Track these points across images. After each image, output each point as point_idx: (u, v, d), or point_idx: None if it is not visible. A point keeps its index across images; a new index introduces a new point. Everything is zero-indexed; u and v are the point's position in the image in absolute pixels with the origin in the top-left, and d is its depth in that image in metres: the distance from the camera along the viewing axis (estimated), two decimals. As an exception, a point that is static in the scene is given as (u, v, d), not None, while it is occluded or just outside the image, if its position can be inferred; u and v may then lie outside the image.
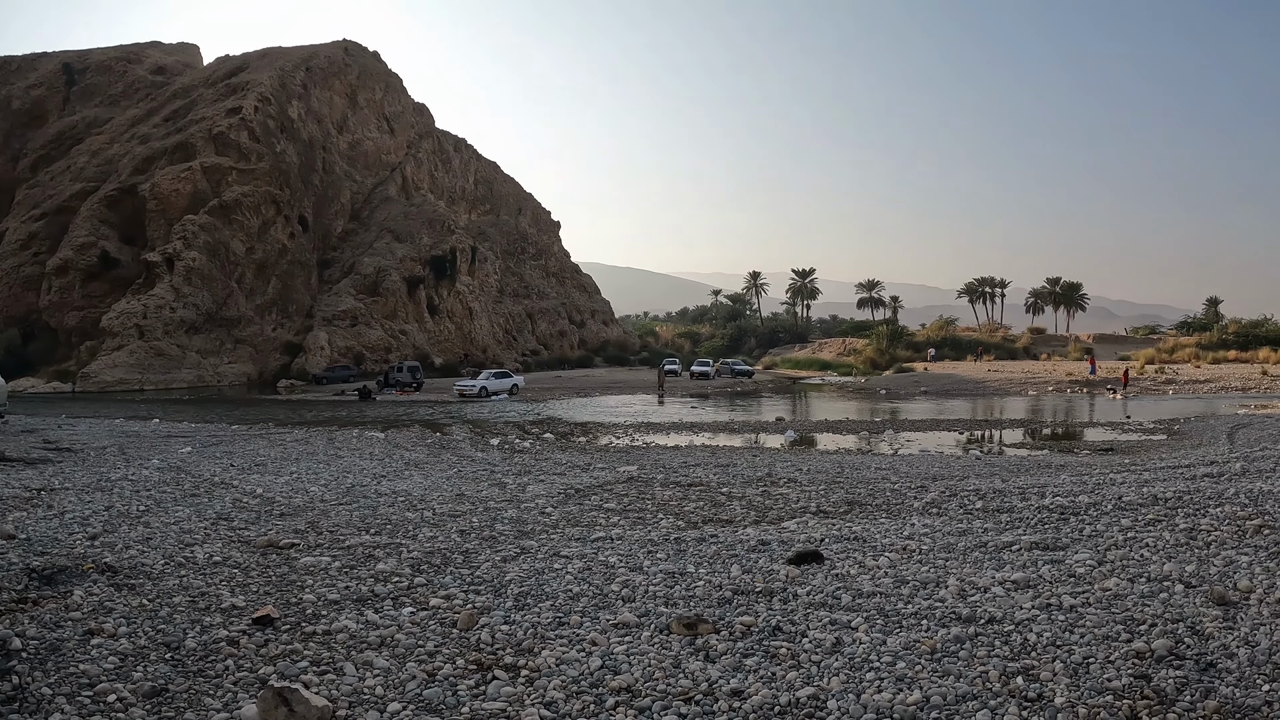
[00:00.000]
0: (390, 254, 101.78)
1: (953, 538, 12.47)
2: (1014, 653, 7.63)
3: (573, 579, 10.09)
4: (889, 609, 8.86)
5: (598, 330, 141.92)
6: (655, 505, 15.85)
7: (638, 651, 7.68)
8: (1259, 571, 10.40)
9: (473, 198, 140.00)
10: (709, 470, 20.82)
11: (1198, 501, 15.18)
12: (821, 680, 7.06)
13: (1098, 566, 10.65)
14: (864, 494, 16.84)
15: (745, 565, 10.76)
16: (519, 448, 27.64)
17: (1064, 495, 16.02)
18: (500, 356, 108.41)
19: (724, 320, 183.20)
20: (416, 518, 14.22)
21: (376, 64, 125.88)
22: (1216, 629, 8.21)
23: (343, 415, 44.53)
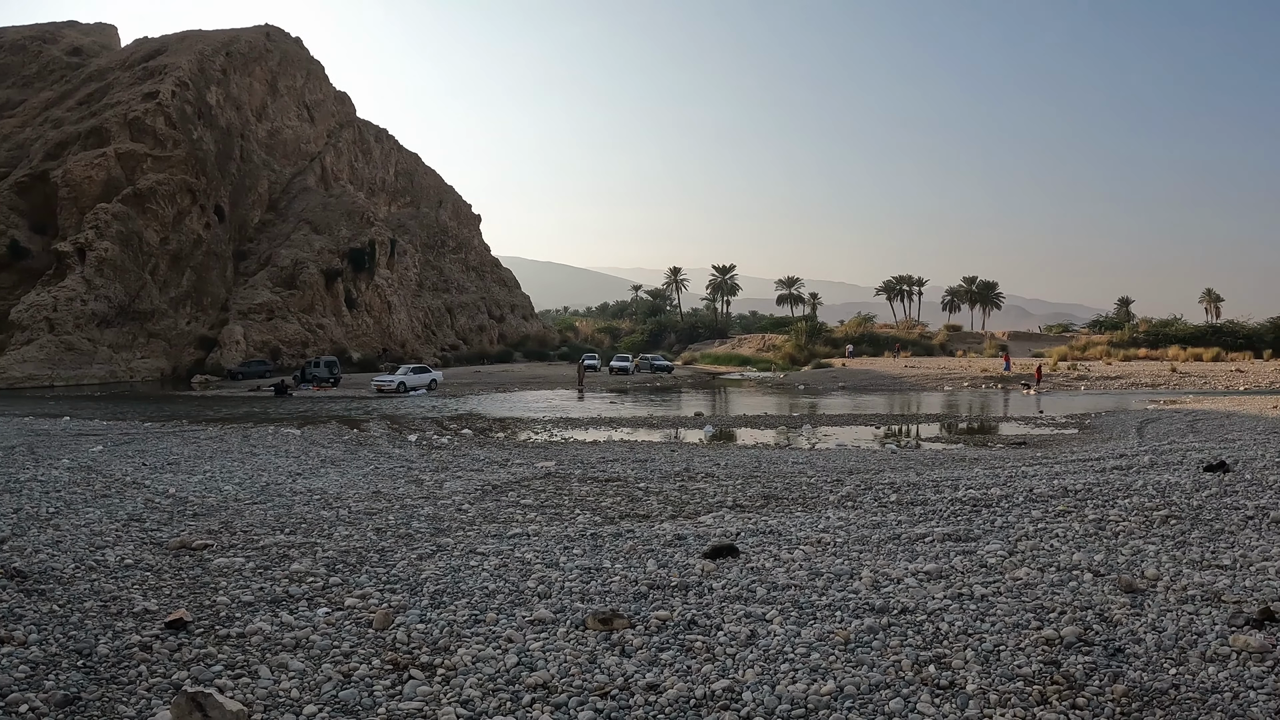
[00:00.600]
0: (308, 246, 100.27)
1: (867, 530, 12.63)
2: (926, 642, 7.77)
3: (489, 576, 10.09)
4: (803, 601, 8.97)
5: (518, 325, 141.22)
6: (572, 501, 15.87)
7: (554, 648, 7.71)
8: (1166, 560, 10.69)
9: (393, 189, 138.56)
10: (627, 466, 20.88)
11: (1107, 493, 15.53)
12: (737, 672, 7.14)
13: (1009, 557, 10.86)
14: (780, 488, 16.98)
15: (661, 560, 10.83)
16: (437, 444, 27.48)
17: (977, 488, 16.29)
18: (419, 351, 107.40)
19: (644, 316, 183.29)
20: (332, 516, 14.11)
21: (298, 50, 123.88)
22: (1125, 615, 8.43)
23: (258, 412, 43.97)
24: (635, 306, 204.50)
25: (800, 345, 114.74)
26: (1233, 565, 10.65)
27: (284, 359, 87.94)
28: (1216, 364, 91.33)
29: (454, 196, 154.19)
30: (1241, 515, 13.75)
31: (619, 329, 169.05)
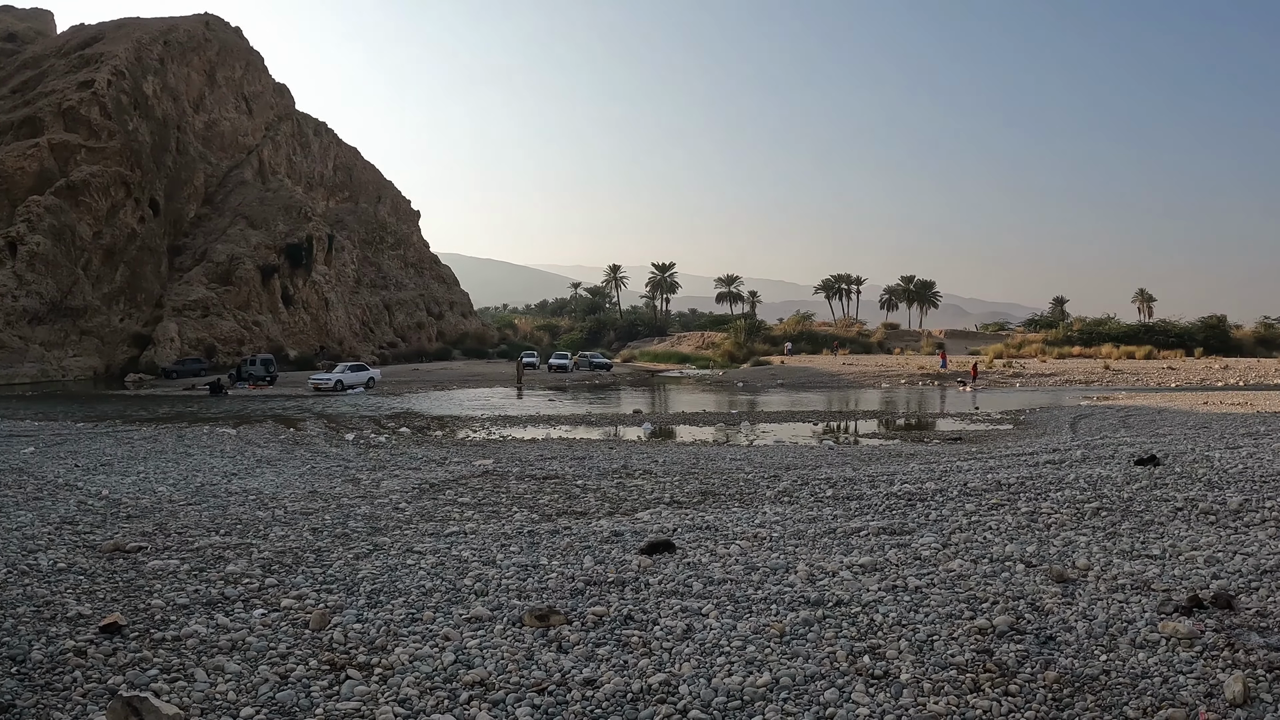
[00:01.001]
0: (244, 241, 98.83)
1: (803, 525, 12.74)
2: (861, 633, 7.88)
3: (426, 574, 10.07)
4: (739, 595, 9.05)
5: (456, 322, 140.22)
6: (510, 499, 15.84)
7: (491, 645, 7.73)
8: (1096, 550, 10.90)
9: (331, 184, 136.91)
10: (565, 463, 20.88)
11: (1039, 487, 15.78)
12: (673, 666, 7.20)
13: (943, 549, 11.02)
14: (718, 484, 17.06)
15: (598, 556, 10.86)
16: (375, 443, 27.29)
17: (912, 482, 16.48)
18: (357, 349, 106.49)
19: (583, 313, 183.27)
20: (268, 516, 14.00)
21: (238, 40, 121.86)
22: (1056, 605, 8.62)
23: (193, 411, 43.40)
24: (574, 304, 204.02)
25: (739, 343, 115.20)
26: (1162, 555, 10.89)
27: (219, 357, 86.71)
28: (1149, 361, 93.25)
29: (393, 192, 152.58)
30: (1171, 507, 14.05)
31: (558, 327, 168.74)
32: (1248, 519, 13.32)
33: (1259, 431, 26.94)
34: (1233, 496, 14.90)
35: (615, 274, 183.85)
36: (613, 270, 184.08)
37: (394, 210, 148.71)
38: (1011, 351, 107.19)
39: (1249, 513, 13.74)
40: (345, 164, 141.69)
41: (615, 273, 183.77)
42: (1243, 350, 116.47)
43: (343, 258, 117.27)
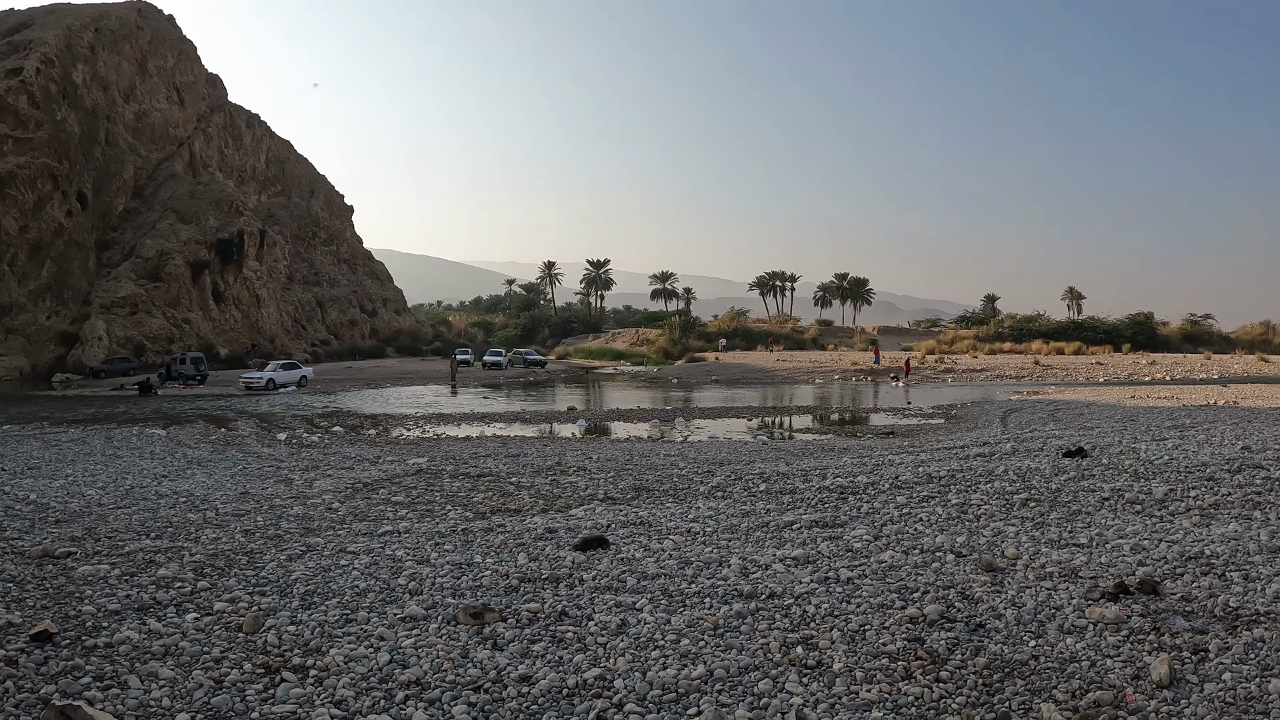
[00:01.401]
0: (174, 236, 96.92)
1: (736, 519, 12.84)
2: (794, 624, 7.97)
3: (359, 575, 10.02)
4: (673, 589, 9.11)
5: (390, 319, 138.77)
6: (444, 497, 15.81)
7: (426, 644, 7.70)
8: (1025, 540, 11.10)
9: (263, 178, 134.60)
10: (499, 461, 20.85)
11: (970, 479, 16.01)
12: (608, 661, 7.23)
13: (874, 541, 11.16)
14: (652, 480, 17.14)
15: (532, 553, 10.87)
16: (307, 442, 27.08)
17: (844, 476, 16.65)
18: (289, 347, 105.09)
19: (518, 310, 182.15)
20: (199, 519, 13.83)
21: (171, 29, 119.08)
22: (986, 593, 8.77)
23: (122, 412, 42.76)
24: (509, 301, 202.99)
25: (674, 340, 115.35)
26: (1089, 544, 11.10)
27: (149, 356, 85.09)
28: (1078, 357, 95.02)
29: (326, 186, 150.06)
30: (1098, 497, 14.33)
31: (493, 324, 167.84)
32: (1173, 508, 13.62)
33: (1184, 424, 27.52)
34: (1158, 486, 15.20)
35: (550, 270, 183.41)
36: (547, 267, 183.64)
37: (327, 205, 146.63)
38: (944, 348, 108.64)
39: (1174, 502, 14.06)
40: (278, 157, 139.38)
41: (550, 269, 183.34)
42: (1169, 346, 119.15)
43: (275, 253, 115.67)
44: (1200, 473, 16.94)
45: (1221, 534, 11.66)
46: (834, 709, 6.36)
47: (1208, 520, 12.75)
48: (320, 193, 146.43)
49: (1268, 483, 15.82)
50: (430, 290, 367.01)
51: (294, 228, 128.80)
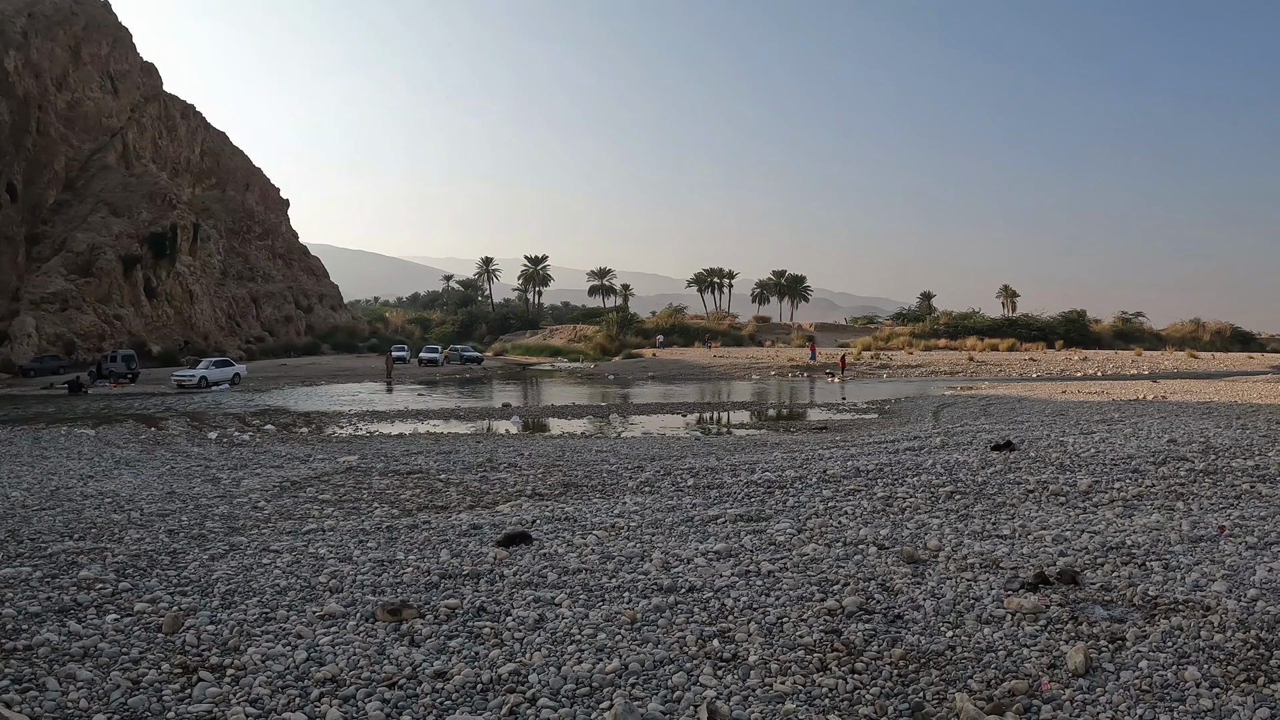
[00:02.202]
0: (106, 230, 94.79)
1: (661, 514, 12.86)
2: (712, 618, 7.98)
3: (281, 573, 9.94)
4: (593, 584, 9.11)
5: (326, 316, 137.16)
6: (371, 495, 15.72)
7: (343, 641, 7.67)
8: (948, 532, 11.20)
9: (198, 170, 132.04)
10: (430, 458, 20.74)
11: (897, 472, 16.15)
12: (524, 656, 7.22)
13: (798, 534, 11.22)
14: (581, 476, 17.13)
15: (455, 550, 10.84)
16: (238, 441, 26.76)
17: (773, 471, 16.73)
18: (223, 344, 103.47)
19: (455, 306, 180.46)
20: (124, 519, 13.63)
21: (106, 15, 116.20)
22: (906, 585, 8.85)
23: (51, 412, 41.99)
24: (447, 297, 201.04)
25: (611, 336, 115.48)
26: (1012, 535, 11.24)
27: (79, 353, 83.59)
28: (1012, 353, 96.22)
29: (262, 179, 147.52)
30: (1023, 489, 14.51)
31: (430, 320, 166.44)
32: (1096, 499, 13.83)
33: (1113, 418, 27.90)
34: (1083, 479, 15.43)
35: (487, 266, 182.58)
36: (485, 263, 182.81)
37: (262, 199, 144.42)
38: (880, 344, 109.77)
39: (1098, 494, 14.27)
40: (213, 149, 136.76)
41: (487, 265, 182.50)
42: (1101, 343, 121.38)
43: (209, 248, 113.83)
44: (1126, 465, 17.23)
45: (1144, 524, 11.86)
46: (747, 701, 6.37)
47: (1130, 511, 12.96)
48: (256, 186, 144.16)
49: (1191, 474, 16.12)
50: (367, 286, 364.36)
51: (228, 222, 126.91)
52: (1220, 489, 14.80)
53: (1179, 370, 72.81)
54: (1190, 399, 37.49)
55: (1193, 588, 8.83)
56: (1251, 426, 24.20)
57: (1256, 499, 13.96)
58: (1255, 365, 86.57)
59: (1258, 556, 10.06)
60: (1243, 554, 10.19)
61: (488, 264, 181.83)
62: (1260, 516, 12.44)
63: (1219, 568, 9.56)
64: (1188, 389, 45.56)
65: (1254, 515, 12.54)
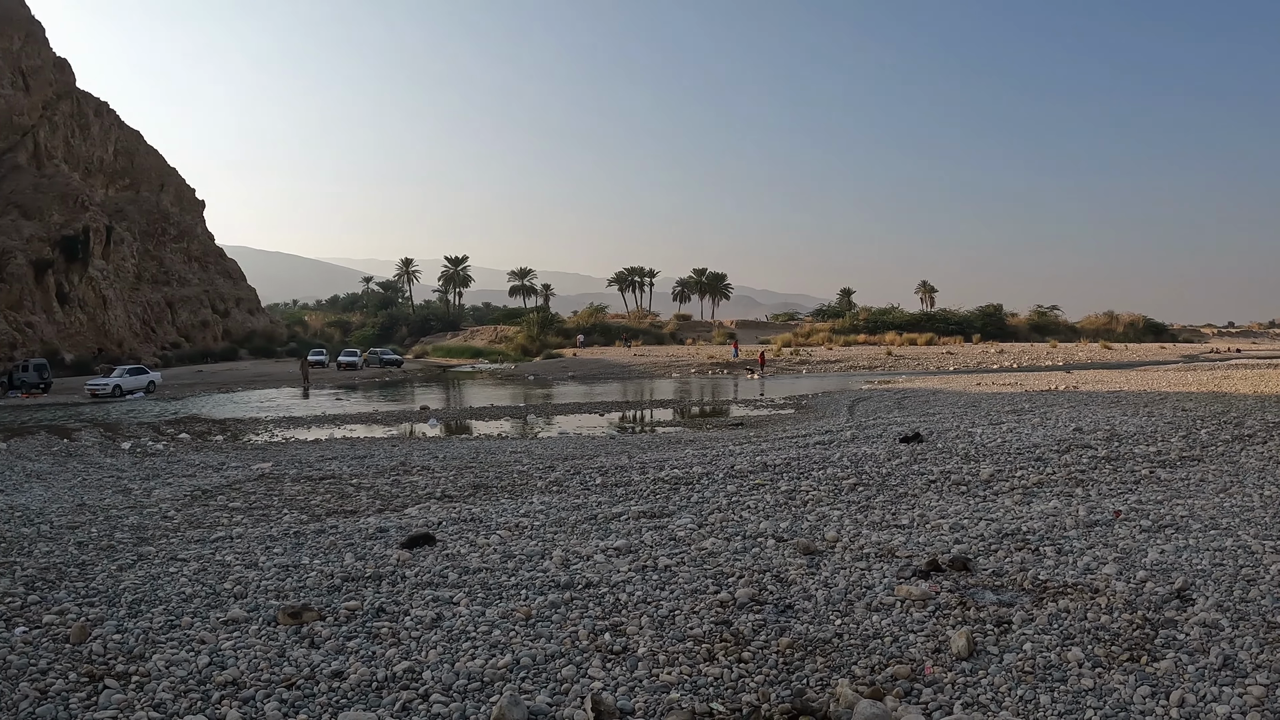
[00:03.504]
0: (17, 233, 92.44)
1: (566, 512, 12.96)
2: (605, 612, 8.13)
3: (187, 581, 9.93)
4: (492, 583, 9.21)
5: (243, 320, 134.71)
6: (282, 501, 15.63)
7: (245, 645, 7.73)
8: (847, 523, 11.42)
9: (111, 170, 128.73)
10: (344, 463, 20.64)
11: (804, 467, 16.37)
12: (420, 654, 7.33)
13: (698, 529, 11.37)
14: (492, 477, 17.15)
15: (359, 553, 10.87)
16: (151, 450, 26.40)
17: (681, 467, 16.88)
18: (138, 351, 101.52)
19: (375, 308, 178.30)
20: (33, 533, 13.46)
21: (19, 9, 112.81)
22: (800, 575, 9.03)
23: (-42, 424, 41.36)
24: (366, 299, 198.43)
25: (532, 336, 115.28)
26: (910, 525, 11.48)
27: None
28: (930, 347, 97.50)
29: (177, 179, 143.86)
30: (925, 480, 14.81)
31: (350, 322, 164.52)
32: (997, 488, 14.15)
33: (1023, 408, 28.42)
34: (985, 468, 15.75)
35: (408, 268, 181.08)
36: (405, 264, 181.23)
37: (178, 199, 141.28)
38: (800, 340, 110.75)
39: (999, 482, 14.60)
40: (127, 148, 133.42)
41: (408, 266, 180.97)
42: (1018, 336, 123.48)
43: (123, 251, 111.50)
44: (1030, 454, 17.60)
45: (1041, 511, 12.17)
46: (633, 691, 6.51)
47: (1030, 499, 13.29)
48: (171, 186, 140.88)
49: (1094, 462, 16.53)
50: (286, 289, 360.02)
51: (143, 224, 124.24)
52: (1120, 475, 15.23)
53: (1092, 361, 74.27)
54: (1101, 389, 38.21)
55: (1083, 571, 9.10)
56: (1157, 414, 24.76)
57: (1155, 484, 14.40)
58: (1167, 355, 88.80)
59: (1150, 539, 10.39)
60: (1136, 537, 10.52)
61: (408, 265, 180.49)
62: (1157, 501, 12.83)
63: (1111, 551, 9.86)
64: (1100, 379, 46.41)
65: (1151, 500, 12.94)
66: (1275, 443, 18.50)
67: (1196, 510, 12.03)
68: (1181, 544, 10.07)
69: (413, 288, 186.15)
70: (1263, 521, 11.22)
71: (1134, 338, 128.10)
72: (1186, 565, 9.18)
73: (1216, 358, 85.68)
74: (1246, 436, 19.51)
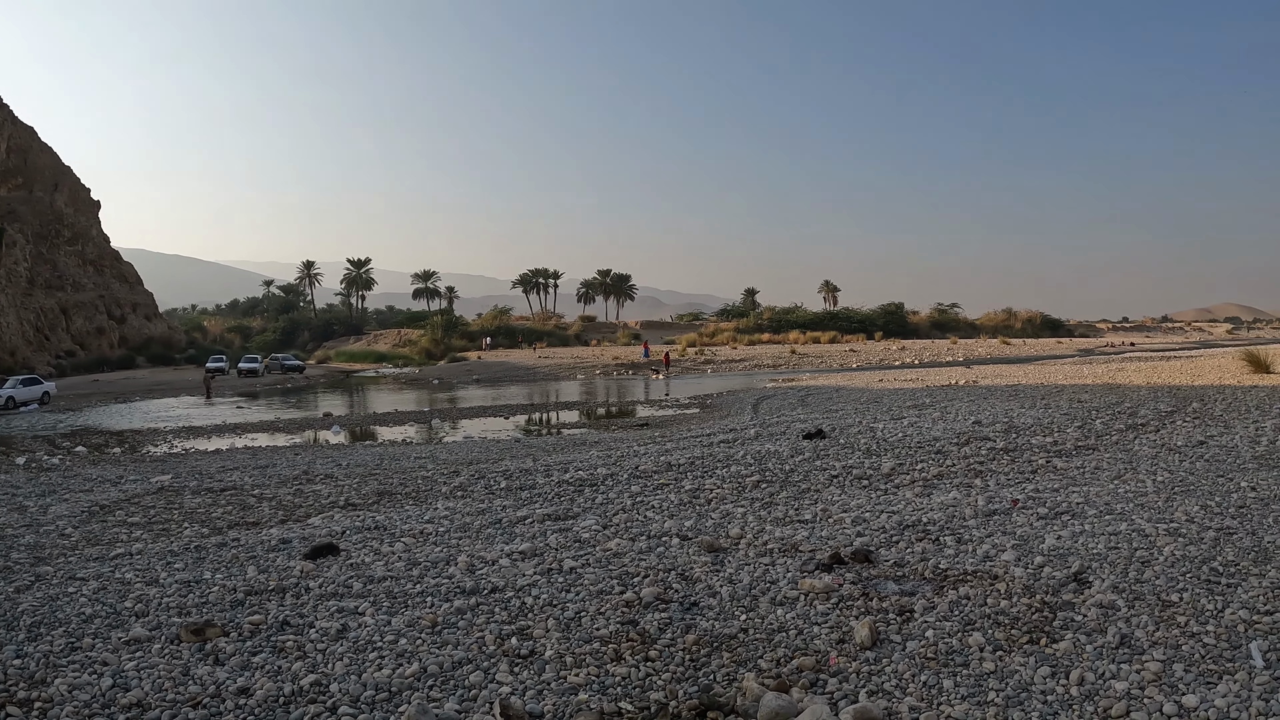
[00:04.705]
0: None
1: (470, 517, 12.91)
2: (511, 616, 8.11)
3: (87, 601, 9.69)
4: (397, 591, 9.14)
5: (140, 326, 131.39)
6: (182, 515, 15.33)
7: (149, 665, 7.56)
8: (751, 520, 11.54)
9: (3, 169, 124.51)
10: (246, 473, 20.32)
11: (708, 465, 16.51)
12: (326, 666, 7.23)
13: (603, 530, 11.42)
14: (396, 483, 17.01)
15: (262, 565, 10.71)
16: (47, 465, 25.79)
17: (586, 469, 16.92)
18: (31, 360, 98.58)
19: (276, 313, 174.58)
20: (-79, 560, 13.13)
21: None
22: (705, 573, 9.11)
23: None
24: (267, 303, 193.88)
25: (436, 339, 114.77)
26: (813, 519, 11.63)
27: (-126, 377, 79.58)
28: (833, 345, 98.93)
29: (71, 178, 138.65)
30: (828, 475, 15.00)
31: (250, 328, 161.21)
32: (897, 481, 14.40)
33: (924, 403, 28.89)
34: (887, 462, 16.00)
35: (309, 270, 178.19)
36: (307, 266, 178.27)
37: (72, 200, 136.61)
38: (705, 340, 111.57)
39: (899, 475, 14.85)
40: (20, 146, 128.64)
41: (310, 269, 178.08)
42: (919, 333, 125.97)
43: (15, 254, 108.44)
44: (930, 447, 17.91)
45: (940, 502, 12.40)
46: (541, 695, 6.50)
47: (930, 490, 13.53)
48: (65, 186, 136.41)
49: (992, 453, 16.87)
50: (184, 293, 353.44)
51: (36, 225, 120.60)
52: (1018, 465, 15.57)
53: (992, 356, 75.90)
54: (1000, 383, 39.02)
55: (983, 559, 9.29)
56: (1054, 406, 25.34)
57: (1052, 473, 14.73)
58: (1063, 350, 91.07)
59: (1048, 526, 10.65)
60: (1034, 524, 10.77)
61: (309, 268, 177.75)
62: (1053, 489, 13.14)
63: (1010, 538, 10.07)
64: (999, 373, 47.40)
65: (1048, 488, 13.25)
66: (1167, 431, 19.08)
67: (1092, 497, 12.35)
68: (1078, 529, 10.36)
69: (315, 291, 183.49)
70: (1156, 506, 11.55)
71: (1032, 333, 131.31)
72: (1083, 549, 9.44)
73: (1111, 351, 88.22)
74: (1140, 426, 20.06)
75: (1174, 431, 18.99)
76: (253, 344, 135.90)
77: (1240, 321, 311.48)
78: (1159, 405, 24.11)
